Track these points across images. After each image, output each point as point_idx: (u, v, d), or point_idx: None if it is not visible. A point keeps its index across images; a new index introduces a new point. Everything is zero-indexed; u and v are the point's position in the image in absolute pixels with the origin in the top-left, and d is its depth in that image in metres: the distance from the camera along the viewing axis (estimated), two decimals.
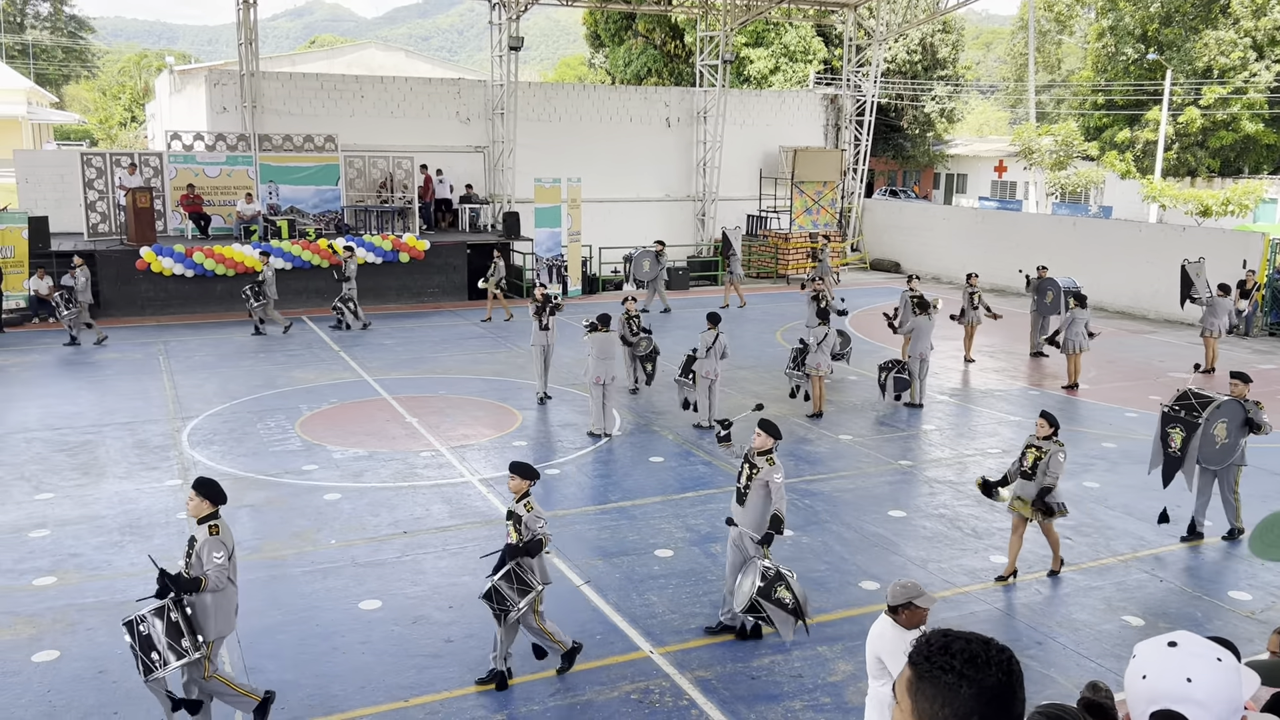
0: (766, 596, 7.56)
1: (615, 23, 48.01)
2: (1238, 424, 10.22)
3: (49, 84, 73.00)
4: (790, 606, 7.59)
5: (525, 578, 7.40)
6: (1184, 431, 10.09)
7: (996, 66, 69.27)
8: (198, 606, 6.60)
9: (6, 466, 12.24)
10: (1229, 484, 10.42)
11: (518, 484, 7.65)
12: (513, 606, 7.29)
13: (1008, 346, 20.68)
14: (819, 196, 31.54)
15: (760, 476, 8.05)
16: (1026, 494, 9.26)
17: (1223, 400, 10.18)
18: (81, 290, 19.08)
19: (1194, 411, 10.07)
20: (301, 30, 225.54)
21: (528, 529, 7.47)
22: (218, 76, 26.52)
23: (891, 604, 5.77)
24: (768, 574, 7.63)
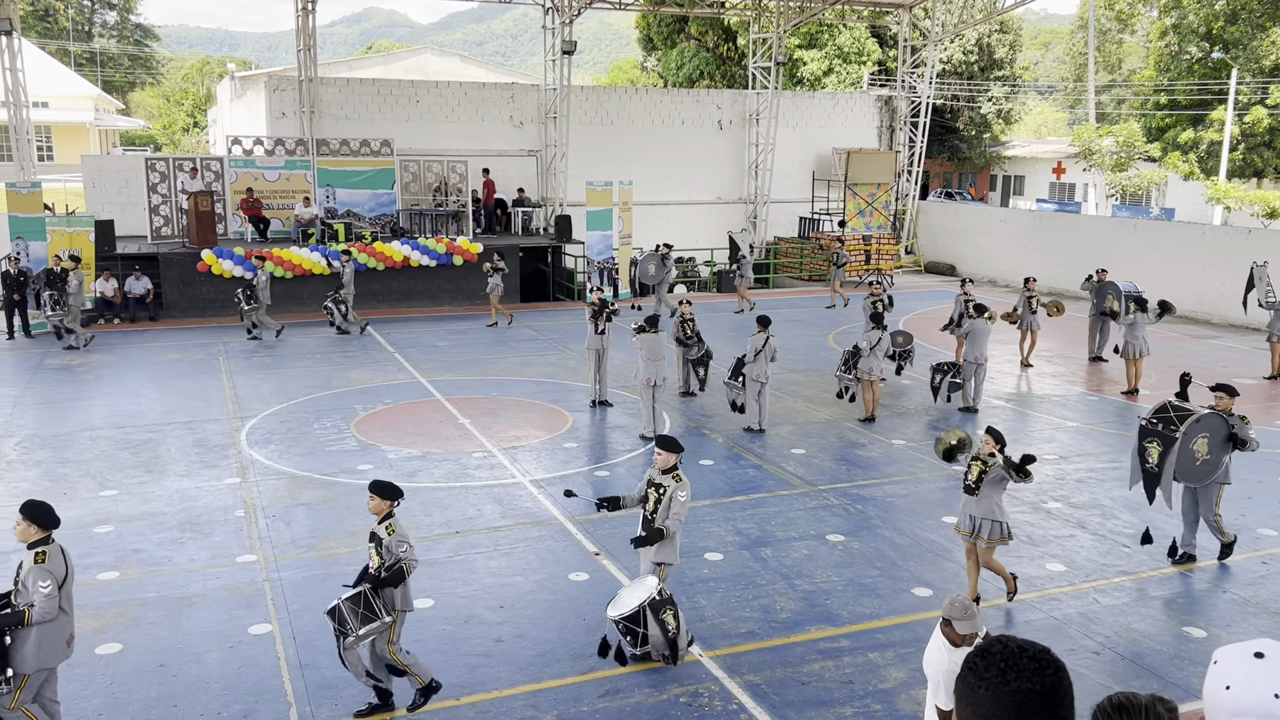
0: (655, 612, 7.48)
1: (668, 26, 48.04)
2: (1220, 439, 9.52)
3: (115, 91, 74.93)
4: (670, 634, 7.46)
5: (374, 604, 6.91)
6: (1161, 446, 9.44)
7: (1055, 66, 68.19)
8: (19, 636, 6.20)
9: (73, 464, 12.57)
10: (1209, 503, 9.71)
11: (377, 505, 7.16)
12: (351, 632, 6.81)
13: (1066, 351, 20.32)
14: (872, 199, 31.27)
15: (667, 496, 7.81)
16: (970, 510, 8.70)
17: (1203, 414, 9.47)
18: (74, 293, 19.06)
19: (1172, 425, 9.40)
20: (358, 36, 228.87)
21: (389, 553, 7.00)
22: (277, 82, 27.02)
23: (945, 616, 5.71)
24: (663, 594, 7.54)
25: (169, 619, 8.57)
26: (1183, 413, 9.48)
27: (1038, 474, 12.60)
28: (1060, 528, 10.91)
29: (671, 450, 8.02)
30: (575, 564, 9.77)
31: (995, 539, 8.64)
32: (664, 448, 8.03)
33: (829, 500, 11.66)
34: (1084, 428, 14.92)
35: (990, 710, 2.05)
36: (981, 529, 8.63)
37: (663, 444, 8.07)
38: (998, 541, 8.66)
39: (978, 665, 2.10)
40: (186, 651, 8.01)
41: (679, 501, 7.83)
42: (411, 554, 7.08)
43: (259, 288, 20.03)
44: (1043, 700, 2.05)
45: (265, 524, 10.64)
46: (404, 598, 7.14)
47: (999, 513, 8.63)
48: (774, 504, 11.48)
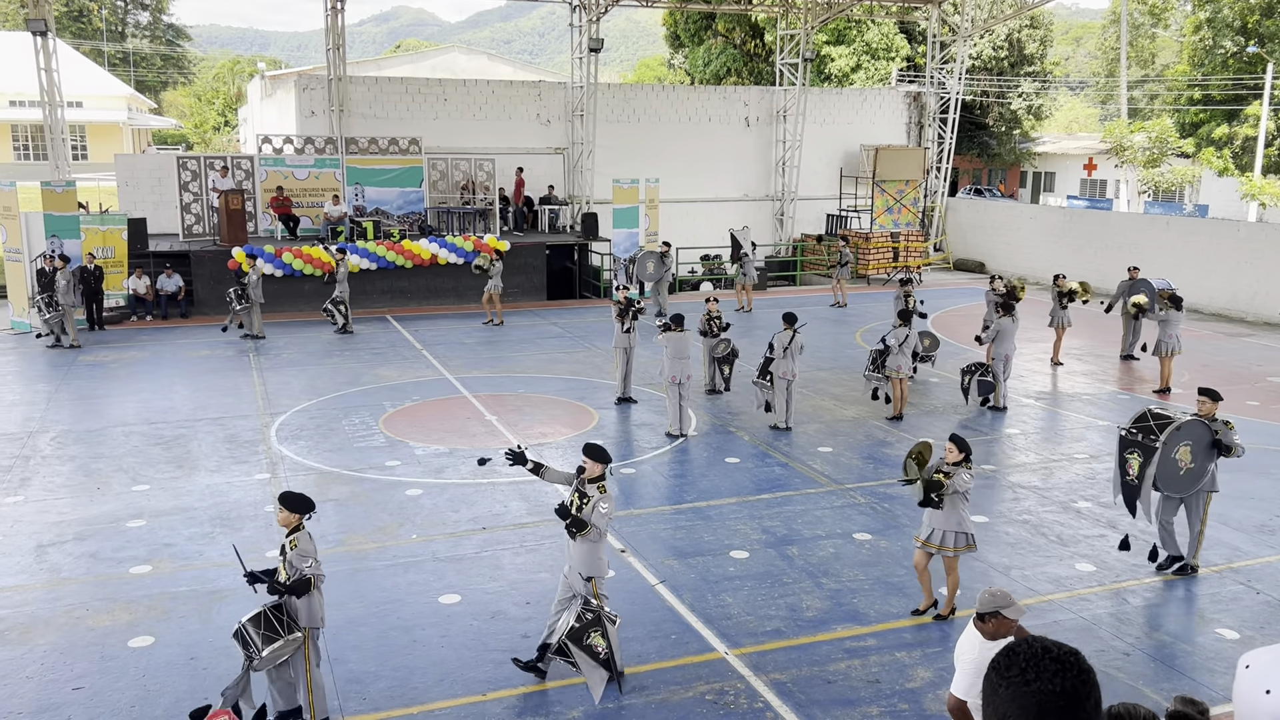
0: (577, 640, 6.97)
1: (695, 23, 47.98)
2: (1204, 446, 9.20)
3: (148, 90, 75.79)
4: (602, 656, 6.98)
5: (275, 622, 6.62)
6: (1141, 457, 9.10)
7: (1086, 62, 67.48)
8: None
9: (106, 459, 12.74)
10: (1197, 512, 9.42)
11: (285, 517, 6.92)
12: (255, 654, 6.56)
13: (1097, 349, 20.12)
14: (901, 195, 31.08)
15: (590, 505, 7.46)
16: (935, 523, 8.42)
17: (1184, 421, 9.17)
18: (63, 293, 18.95)
19: (1151, 434, 9.08)
20: (387, 35, 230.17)
21: (292, 567, 6.75)
22: (306, 81, 27.22)
23: (980, 611, 5.65)
24: (585, 616, 7.07)
25: (200, 613, 8.67)
26: (1163, 421, 9.18)
27: (1068, 473, 12.52)
28: (1090, 527, 10.81)
29: (598, 460, 7.61)
30: None
31: (960, 547, 8.41)
32: (591, 457, 7.63)
33: (856, 499, 11.61)
34: (1115, 426, 14.75)
35: (1010, 710, 2.04)
36: (945, 539, 8.38)
37: (589, 453, 7.66)
38: (963, 549, 8.43)
39: (1001, 665, 2.10)
40: (217, 645, 8.10)
41: (600, 513, 7.42)
42: (316, 569, 6.80)
43: (250, 286, 19.92)
44: (1064, 703, 2.04)
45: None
46: (309, 613, 6.80)
47: (965, 523, 8.37)
48: (800, 502, 11.44)
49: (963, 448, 8.36)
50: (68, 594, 9.00)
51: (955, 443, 8.38)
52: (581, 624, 7.04)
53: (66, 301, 19.08)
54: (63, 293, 18.99)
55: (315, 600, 6.81)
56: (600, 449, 7.72)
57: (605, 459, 7.67)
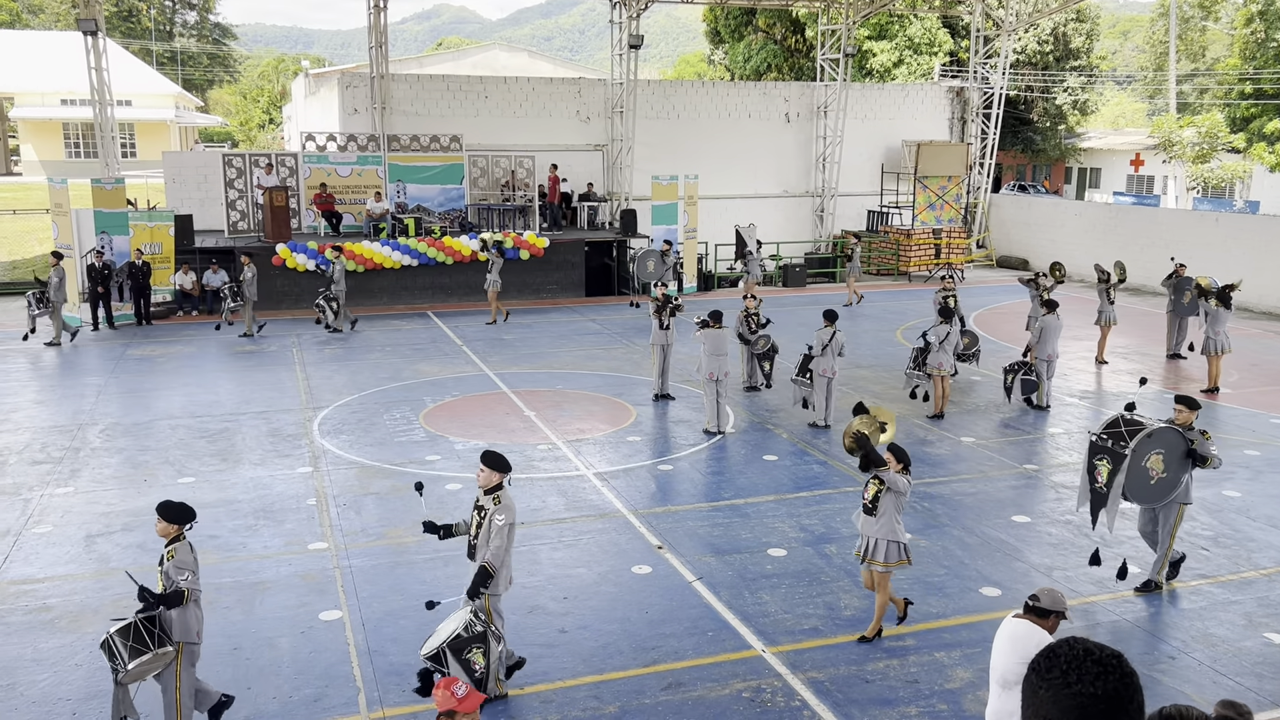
0: (457, 652, 6.63)
1: (735, 19, 47.82)
2: (1178, 456, 8.76)
3: (195, 89, 76.95)
4: (477, 674, 6.66)
5: (145, 635, 6.32)
6: (1110, 464, 8.69)
7: (1134, 55, 66.39)
8: None
9: (153, 451, 12.96)
10: (1167, 525, 9.02)
11: (164, 528, 6.69)
12: (121, 667, 6.26)
13: (1143, 348, 19.80)
14: (943, 192, 30.79)
15: (486, 521, 7.12)
16: (869, 532, 8.04)
17: (1156, 428, 8.70)
18: (56, 288, 19.02)
19: (1122, 441, 8.66)
20: (429, 33, 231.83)
21: (169, 579, 6.49)
22: (349, 79, 27.48)
23: (1046, 607, 5.61)
24: (471, 628, 6.72)
25: (243, 603, 8.80)
26: (1135, 427, 8.73)
27: None
28: (1135, 528, 10.63)
29: (494, 468, 7.21)
30: (638, 557, 9.81)
31: (892, 561, 7.99)
32: (486, 464, 7.21)
33: None
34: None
35: (1050, 712, 2.02)
36: (876, 550, 7.97)
37: (485, 459, 7.24)
38: (895, 564, 8.02)
39: (1041, 666, 2.07)
40: (260, 636, 8.22)
41: (496, 527, 7.03)
42: (194, 582, 6.52)
43: (245, 284, 20.03)
44: (1104, 706, 2.01)
45: (336, 512, 10.87)
46: (184, 627, 6.52)
47: (899, 533, 7.98)
48: (839, 500, 11.38)
49: (901, 458, 8.01)
50: (116, 583, 9.18)
51: (893, 453, 8.01)
52: (468, 635, 6.67)
53: (58, 298, 18.99)
54: (54, 290, 18.90)
55: (191, 614, 6.55)
56: (497, 456, 7.28)
57: (503, 467, 7.25)
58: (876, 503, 7.95)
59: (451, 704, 4.86)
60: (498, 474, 7.23)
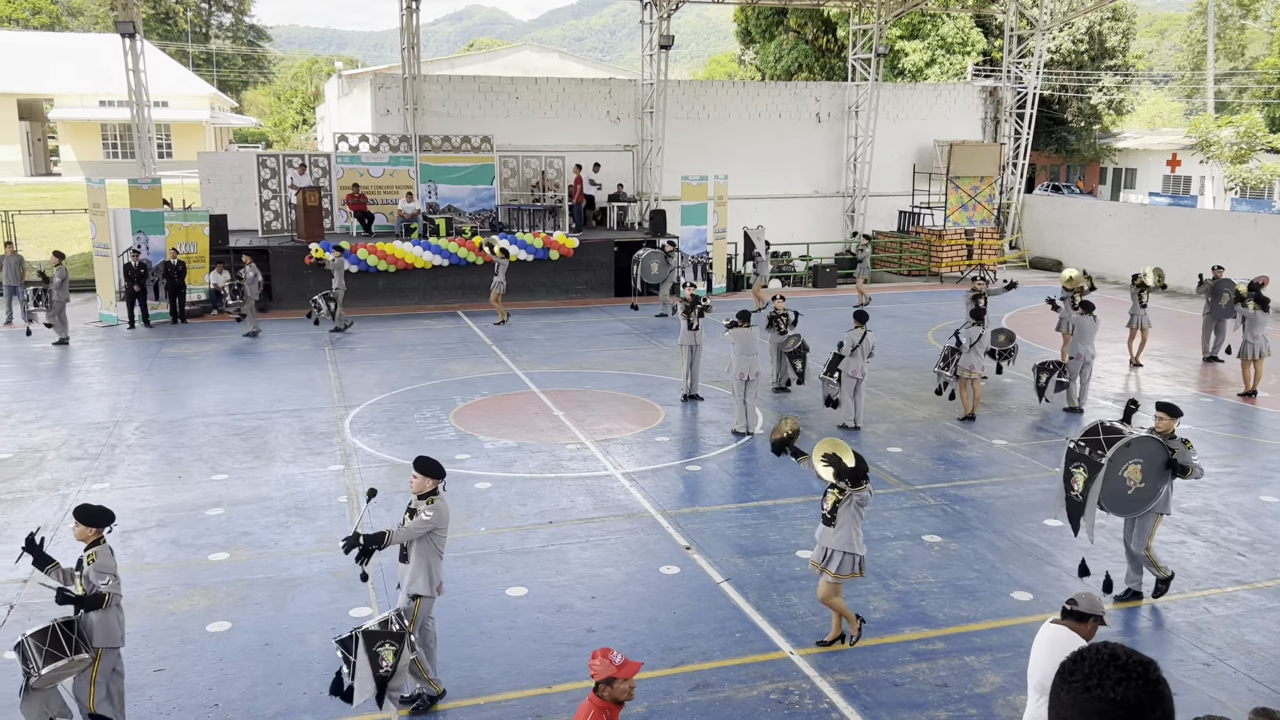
0: (370, 641, 6.52)
1: (766, 18, 47.71)
2: (1157, 466, 8.51)
3: (230, 90, 77.84)
4: (381, 671, 6.50)
5: (63, 640, 6.18)
6: (1087, 472, 8.43)
7: (1171, 54, 65.56)
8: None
9: (187, 449, 13.12)
10: (1142, 535, 8.78)
11: (82, 531, 6.60)
12: (34, 671, 6.13)
13: (1179, 350, 19.55)
14: (975, 192, 30.55)
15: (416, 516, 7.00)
16: (826, 543, 7.85)
17: (1135, 437, 8.45)
18: (58, 287, 19.05)
19: (1099, 450, 8.41)
20: (460, 34, 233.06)
21: (89, 583, 6.40)
22: (382, 80, 27.68)
23: (1085, 611, 5.55)
24: (389, 627, 6.62)
25: (275, 600, 8.89)
26: (1113, 436, 8.47)
27: None
28: (1170, 533, 10.51)
29: (427, 475, 7.10)
30: (666, 557, 9.81)
31: (845, 573, 7.80)
32: (419, 470, 7.12)
33: (926, 500, 11.46)
34: (1197, 430, 14.33)
35: (1070, 715, 2.00)
36: (831, 561, 7.79)
37: (418, 465, 7.14)
38: (847, 576, 7.83)
39: (1066, 669, 2.06)
40: (291, 632, 8.30)
41: (421, 519, 6.96)
42: (115, 586, 6.44)
43: (246, 282, 20.06)
44: (1124, 713, 1.98)
45: (367, 510, 10.93)
46: (106, 632, 6.42)
47: (856, 545, 7.77)
48: (870, 502, 11.30)
49: (860, 469, 7.80)
50: (150, 578, 9.30)
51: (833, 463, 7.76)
52: (383, 631, 6.56)
53: (59, 298, 19.05)
54: (56, 289, 19.00)
55: (113, 618, 6.47)
56: (430, 462, 7.13)
57: (436, 473, 7.10)
58: (835, 513, 7.77)
59: (610, 671, 4.86)
60: (430, 480, 7.10)
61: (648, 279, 22.78)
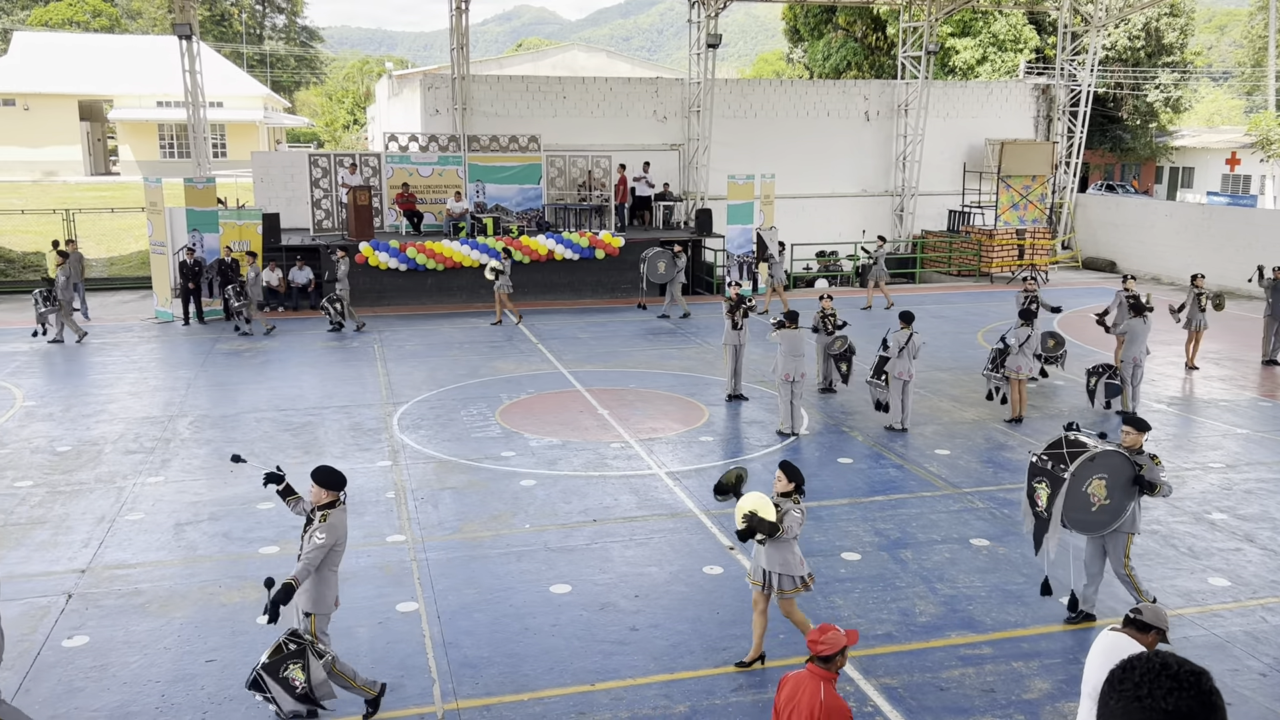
0: (273, 672, 6.46)
1: (815, 16, 47.41)
2: (1123, 482, 8.14)
3: (282, 90, 79.04)
4: (298, 691, 6.42)
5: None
6: (1050, 487, 8.12)
7: (1231, 51, 64.14)
8: None
9: (239, 443, 13.35)
10: (1118, 555, 8.34)
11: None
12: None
13: (1237, 353, 19.13)
14: (1027, 191, 30.13)
15: (310, 533, 6.82)
16: (761, 563, 7.59)
17: (1099, 451, 8.07)
18: (63, 288, 19.21)
19: (1062, 464, 8.08)
20: (509, 34, 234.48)
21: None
22: (431, 80, 27.94)
23: (1149, 623, 5.46)
24: (286, 647, 6.51)
25: None
26: (1076, 449, 8.13)
27: (1202, 483, 11.95)
28: (1225, 540, 10.30)
29: (325, 486, 6.90)
30: (710, 557, 9.80)
31: (790, 590, 7.56)
32: (318, 481, 6.91)
33: (974, 503, 11.32)
34: (1255, 435, 14.02)
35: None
36: (770, 580, 7.53)
37: (317, 476, 6.93)
38: (792, 591, 7.57)
39: (1116, 677, 2.03)
40: (339, 625, 8.41)
41: (315, 543, 6.68)
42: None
43: (249, 284, 20.16)
44: None
45: (414, 506, 11.07)
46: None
47: (793, 566, 7.51)
48: (915, 505, 11.22)
49: (793, 476, 7.56)
50: (202, 570, 9.49)
51: (785, 470, 7.56)
52: (281, 655, 6.49)
53: (65, 297, 19.23)
54: (62, 288, 19.19)
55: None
56: (328, 472, 6.95)
57: (334, 484, 6.90)
58: None
59: (842, 642, 5.19)
60: (329, 491, 6.90)
61: (654, 278, 22.52)
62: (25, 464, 12.50)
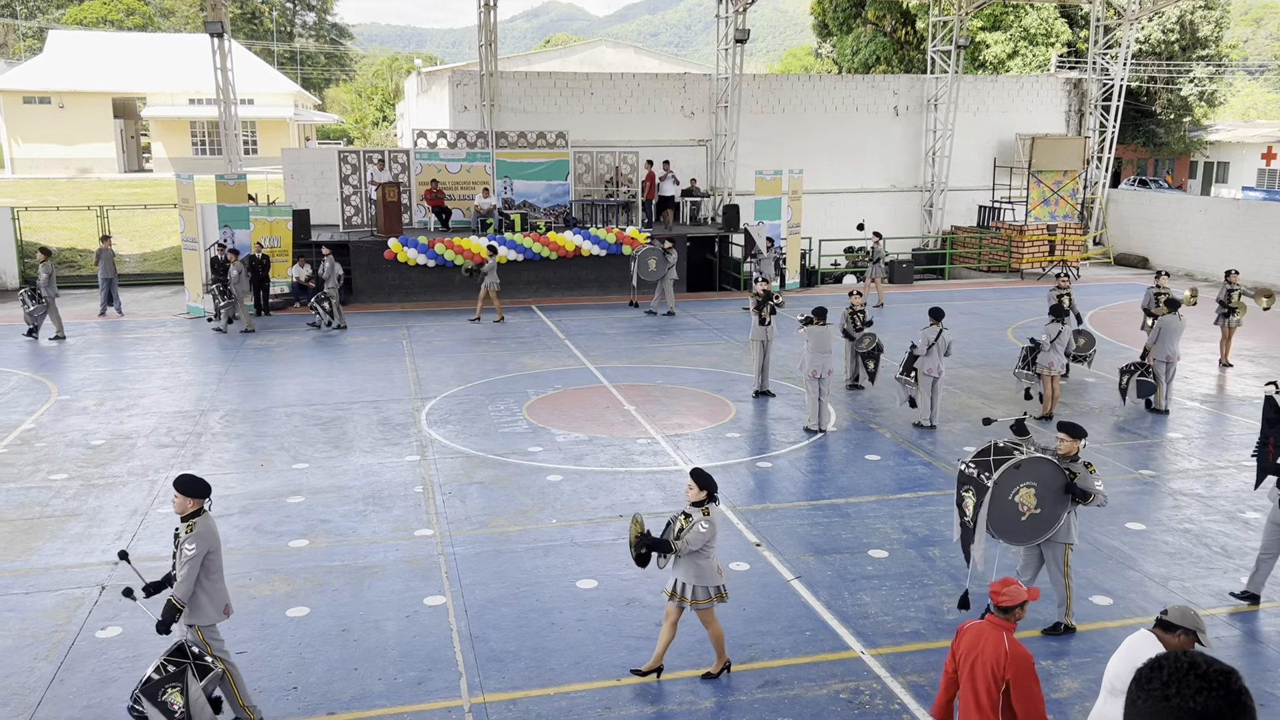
0: (152, 696, 6.26)
1: (844, 11, 47.13)
2: (1055, 490, 7.85)
3: (312, 87, 79.60)
4: (178, 714, 6.20)
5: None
6: (975, 496, 7.79)
7: (1267, 44, 63.17)
8: None
9: (270, 438, 13.48)
10: (1057, 565, 8.11)
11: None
12: None
13: (1271, 350, 18.85)
14: (1058, 187, 29.83)
15: (180, 545, 6.62)
16: (675, 573, 7.35)
17: (1026, 458, 7.76)
18: (45, 284, 19.20)
19: (987, 472, 7.75)
20: (537, 30, 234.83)
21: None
22: (460, 77, 28.04)
23: (1176, 623, 5.39)
24: (165, 669, 6.30)
25: (352, 587, 9.09)
26: (1002, 457, 7.81)
27: (1235, 481, 11.79)
28: (1258, 539, 10.15)
29: (188, 494, 6.72)
30: (736, 553, 9.79)
31: (703, 600, 7.32)
32: (180, 490, 6.74)
33: None
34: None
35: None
36: (683, 591, 7.31)
37: (179, 485, 6.75)
38: (706, 602, 7.31)
39: (1144, 676, 2.00)
40: (367, 618, 8.48)
41: (187, 555, 6.53)
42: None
43: (232, 282, 20.05)
44: None
45: (442, 500, 11.13)
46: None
47: (707, 575, 7.28)
48: (944, 502, 11.15)
49: (704, 484, 7.24)
50: (232, 563, 9.56)
51: (695, 479, 7.26)
52: (161, 676, 6.27)
53: (49, 293, 19.22)
54: (44, 285, 19.13)
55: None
56: (190, 480, 6.79)
57: (198, 492, 6.76)
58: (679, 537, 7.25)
59: (1023, 596, 5.52)
60: (192, 500, 6.72)
61: (645, 275, 22.27)
62: (60, 457, 12.68)
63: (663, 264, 22.24)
